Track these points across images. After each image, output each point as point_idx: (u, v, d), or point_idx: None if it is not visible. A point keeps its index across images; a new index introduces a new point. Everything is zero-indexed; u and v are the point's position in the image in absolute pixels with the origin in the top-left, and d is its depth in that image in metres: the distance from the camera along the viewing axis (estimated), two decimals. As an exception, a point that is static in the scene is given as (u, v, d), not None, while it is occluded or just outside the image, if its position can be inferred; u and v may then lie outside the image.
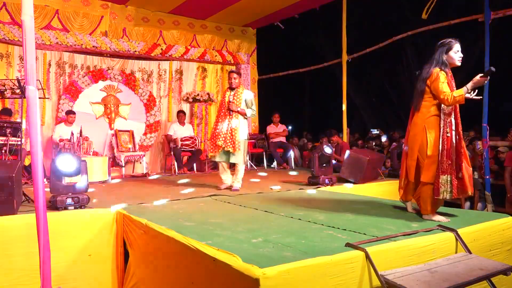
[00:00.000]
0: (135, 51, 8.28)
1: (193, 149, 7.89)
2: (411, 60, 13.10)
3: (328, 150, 5.70)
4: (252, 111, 5.40)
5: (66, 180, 3.89)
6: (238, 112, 5.23)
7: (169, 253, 2.87)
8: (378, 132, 11.00)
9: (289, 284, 2.08)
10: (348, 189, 5.36)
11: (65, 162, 3.79)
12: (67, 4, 7.60)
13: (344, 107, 8.34)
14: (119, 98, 8.28)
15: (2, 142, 4.86)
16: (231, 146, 5.12)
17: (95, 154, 7.50)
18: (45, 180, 4.75)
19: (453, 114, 3.27)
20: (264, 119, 10.09)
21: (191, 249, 2.52)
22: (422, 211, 3.36)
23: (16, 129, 4.96)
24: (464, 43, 3.43)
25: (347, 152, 6.02)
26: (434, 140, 3.23)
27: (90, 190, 4.02)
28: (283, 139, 8.92)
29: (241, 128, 5.25)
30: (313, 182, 5.52)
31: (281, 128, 9.00)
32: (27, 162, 6.02)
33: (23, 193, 4.00)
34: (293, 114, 15.72)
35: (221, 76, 9.76)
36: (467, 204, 6.12)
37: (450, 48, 3.28)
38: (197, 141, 7.99)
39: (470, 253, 2.74)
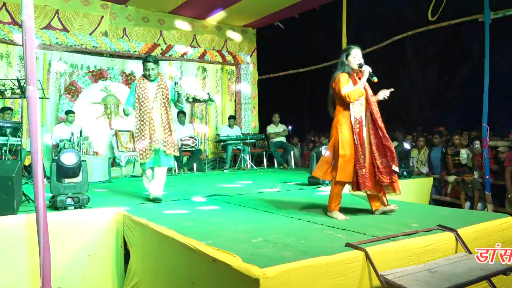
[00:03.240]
0: (135, 51, 8.28)
1: (193, 149, 7.89)
2: (411, 60, 13.09)
3: (324, 151, 5.64)
4: (181, 105, 4.61)
5: (66, 180, 3.89)
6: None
7: (169, 253, 2.87)
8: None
9: (289, 284, 2.08)
10: (348, 189, 5.34)
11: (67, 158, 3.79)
12: (67, 4, 7.60)
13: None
14: (119, 98, 8.28)
15: (2, 142, 4.87)
16: (169, 147, 4.32)
17: (95, 154, 7.50)
18: (45, 180, 4.75)
19: (363, 111, 3.42)
20: (264, 119, 10.08)
21: (191, 249, 2.52)
22: (329, 207, 3.47)
23: (16, 129, 4.97)
24: (464, 43, 3.47)
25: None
26: (347, 139, 3.37)
27: (90, 190, 4.01)
28: (283, 139, 8.91)
29: (173, 126, 4.49)
30: (313, 182, 5.52)
31: (281, 128, 9.00)
32: (27, 162, 6.02)
33: (23, 193, 4.00)
34: (293, 114, 15.66)
35: (221, 76, 9.76)
36: (467, 204, 6.12)
37: (348, 54, 3.47)
38: (197, 141, 7.99)
39: (470, 253, 2.74)
